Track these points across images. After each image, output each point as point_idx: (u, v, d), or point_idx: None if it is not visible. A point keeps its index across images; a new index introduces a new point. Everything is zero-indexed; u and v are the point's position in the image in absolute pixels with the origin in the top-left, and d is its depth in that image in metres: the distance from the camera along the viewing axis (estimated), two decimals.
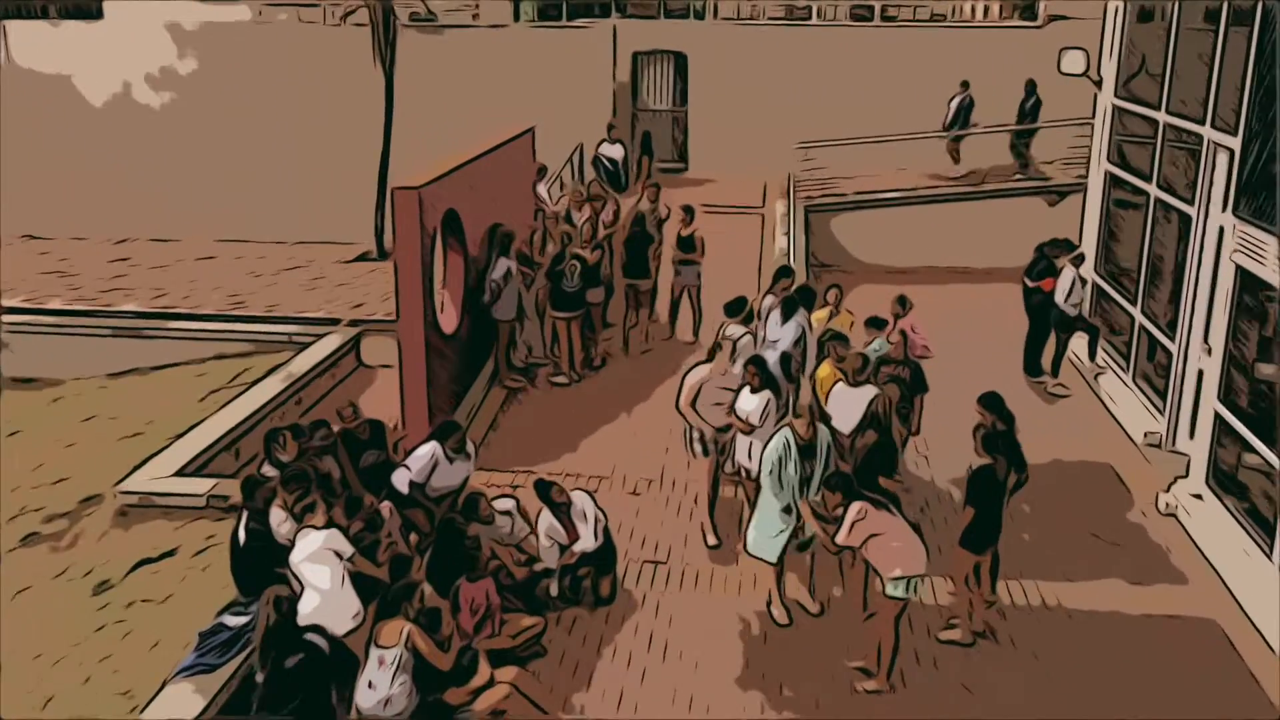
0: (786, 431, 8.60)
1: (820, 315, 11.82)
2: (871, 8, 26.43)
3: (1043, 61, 21.43)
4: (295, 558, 7.52)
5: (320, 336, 14.56)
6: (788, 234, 17.89)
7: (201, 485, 10.10)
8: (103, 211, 21.95)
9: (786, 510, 8.57)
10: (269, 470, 8.55)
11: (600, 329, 14.10)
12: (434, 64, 21.60)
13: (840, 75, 22.11)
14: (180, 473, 10.28)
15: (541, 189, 15.96)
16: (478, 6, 24.75)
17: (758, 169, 21.79)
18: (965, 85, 20.07)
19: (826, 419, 9.04)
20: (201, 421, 11.61)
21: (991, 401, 9.07)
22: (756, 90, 22.42)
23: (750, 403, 9.52)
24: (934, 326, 16.95)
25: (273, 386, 12.61)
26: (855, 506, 7.71)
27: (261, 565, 7.73)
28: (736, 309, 11.43)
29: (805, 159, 20.38)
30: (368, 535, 7.87)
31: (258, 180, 22.00)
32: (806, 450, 8.54)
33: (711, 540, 10.20)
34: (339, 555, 7.50)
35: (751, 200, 21.10)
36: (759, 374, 9.49)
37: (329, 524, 7.65)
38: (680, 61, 23.24)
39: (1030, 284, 14.25)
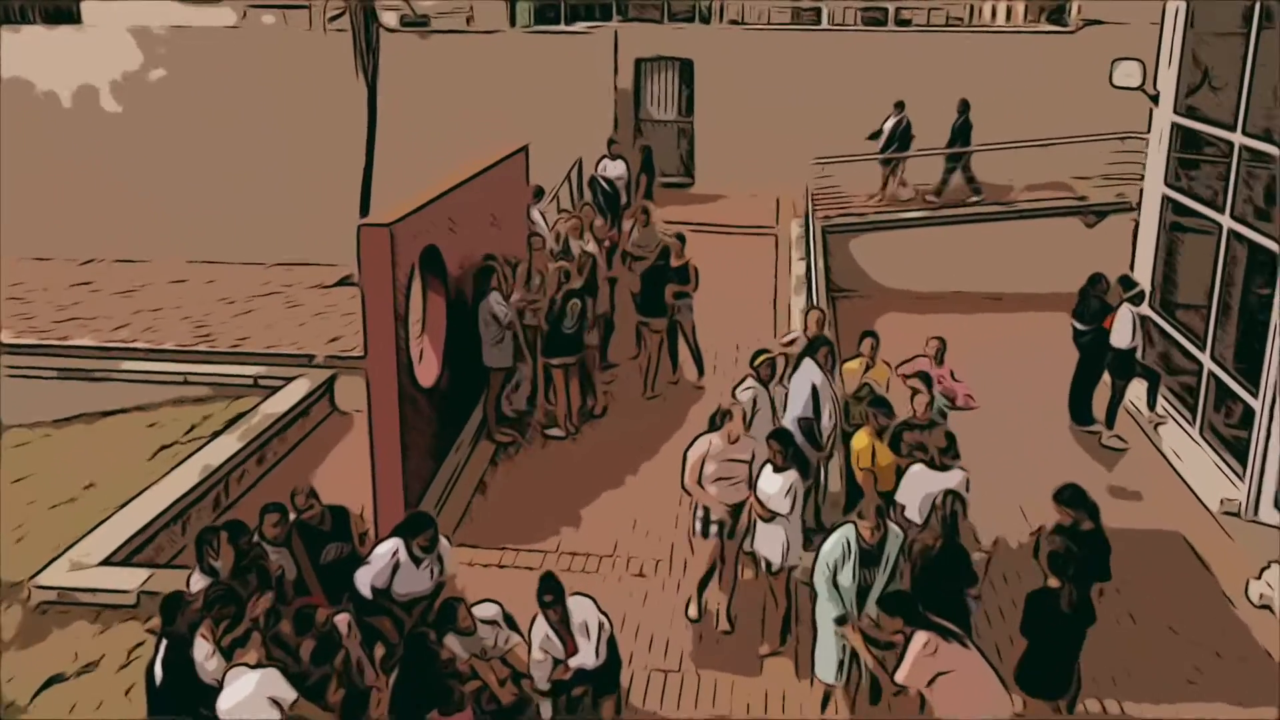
0: (848, 531, 7.14)
1: (853, 368, 10.32)
2: (885, 9, 25.01)
3: (1076, 70, 20.09)
4: (223, 706, 6.03)
5: (289, 380, 13.07)
6: (806, 258, 16.39)
7: (133, 578, 8.60)
8: (67, 230, 20.46)
9: (841, 620, 7.12)
10: (199, 580, 7.06)
11: (597, 373, 12.63)
12: (422, 72, 20.11)
13: (856, 84, 20.60)
14: (109, 560, 8.79)
15: (536, 214, 14.47)
16: (471, 9, 23.28)
17: (770, 184, 20.35)
18: (900, 106, 18.96)
19: (885, 512, 7.49)
20: (143, 491, 10.11)
21: (1074, 497, 7.53)
22: (767, 99, 20.95)
23: (773, 484, 8.05)
24: (965, 365, 15.50)
25: (229, 445, 11.12)
26: (920, 638, 6.22)
27: (183, 708, 6.25)
28: (764, 366, 9.90)
29: (821, 175, 18.87)
30: (314, 671, 6.37)
31: (234, 197, 20.51)
32: (869, 555, 7.08)
33: (693, 612, 8.87)
34: (278, 704, 6.01)
35: (764, 219, 19.63)
36: (783, 450, 8.01)
37: (267, 658, 6.17)
38: (686, 68, 21.75)
39: (1082, 327, 12.74)
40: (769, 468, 8.09)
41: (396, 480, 9.69)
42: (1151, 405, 12.48)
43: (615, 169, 16.92)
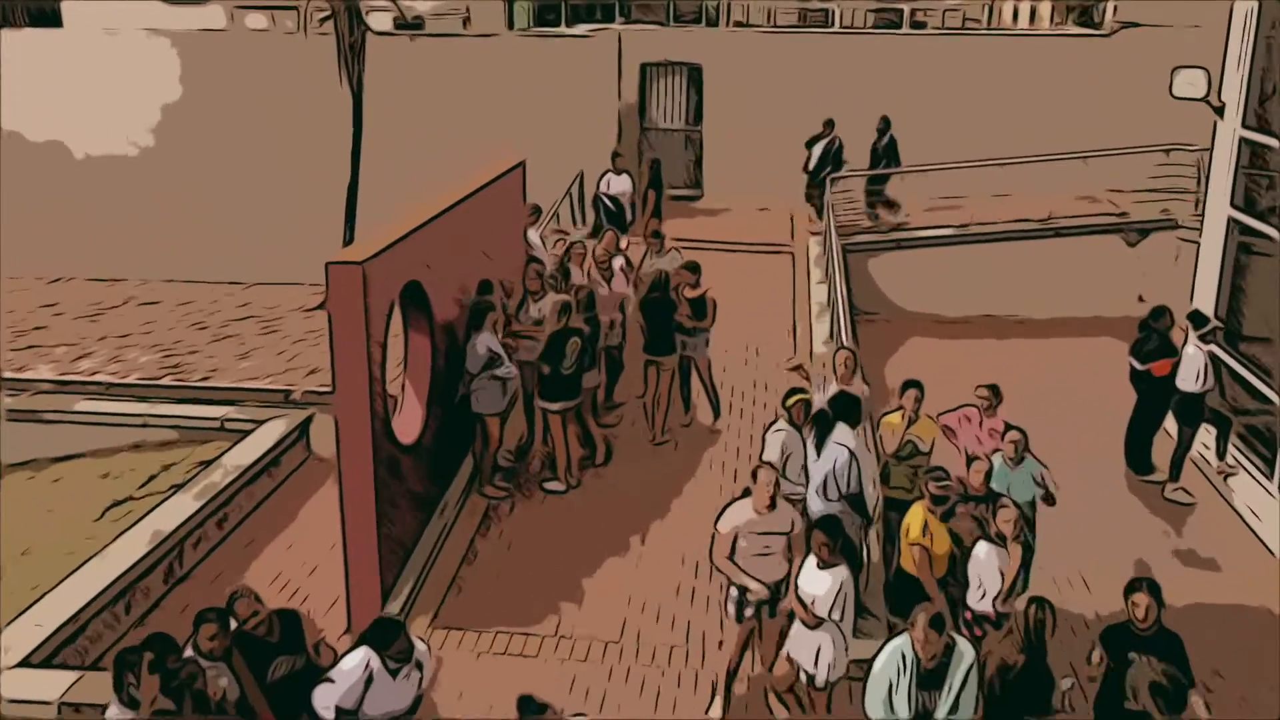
0: (903, 645, 5.86)
1: (893, 422, 9.03)
2: (900, 10, 23.71)
3: (1113, 76, 18.83)
4: None
5: (259, 423, 11.77)
6: (827, 281, 15.11)
7: (54, 685, 7.30)
8: (35, 246, 19.12)
9: None
10: (117, 714, 5.77)
11: (595, 417, 11.35)
12: (413, 78, 18.81)
13: (874, 90, 19.30)
14: (29, 660, 7.49)
15: (534, 235, 13.20)
16: (468, 10, 21.93)
17: (783, 197, 19.04)
18: (830, 125, 17.73)
19: (943, 622, 6.17)
20: (83, 565, 8.81)
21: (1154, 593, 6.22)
22: (781, 106, 19.61)
23: (819, 583, 6.77)
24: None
25: (185, 506, 9.81)
26: None
27: None
28: (797, 407, 8.64)
29: (840, 190, 17.58)
30: None
31: (213, 212, 19.23)
32: (929, 677, 5.79)
33: (715, 712, 7.66)
34: None
35: (778, 236, 18.33)
36: (830, 541, 6.72)
37: None
38: (694, 74, 20.46)
39: (1140, 367, 11.44)
40: (812, 562, 6.80)
41: (371, 556, 8.42)
42: (1221, 454, 11.19)
43: (620, 184, 15.67)
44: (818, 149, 17.77)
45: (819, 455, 8.13)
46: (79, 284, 18.99)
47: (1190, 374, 10.65)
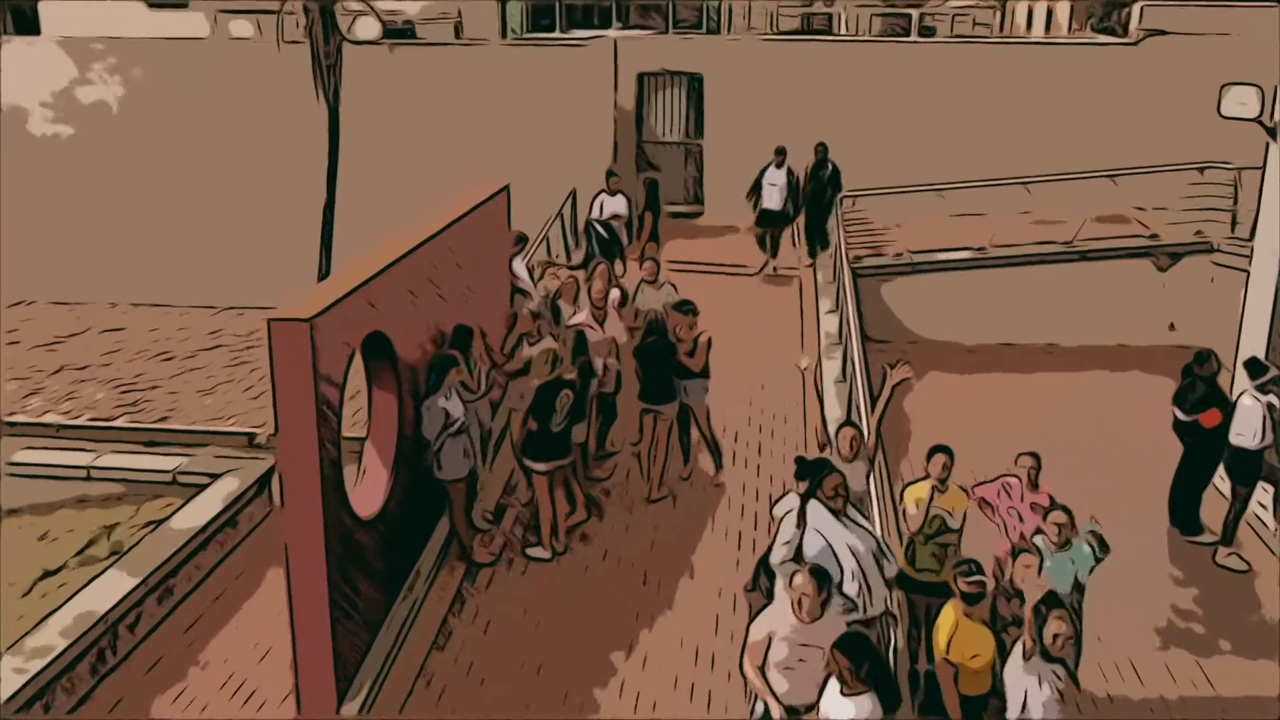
0: None
1: (919, 494, 7.96)
2: (908, 16, 22.67)
3: (1137, 86, 17.76)
4: None
5: (215, 476, 10.69)
6: (838, 310, 14.02)
7: None
8: None
9: None
10: None
11: (585, 469, 10.28)
12: (395, 90, 17.71)
13: (884, 101, 18.36)
14: None
15: (520, 266, 12.10)
16: (460, 14, 20.79)
17: None
18: (781, 153, 15.95)
19: None
20: None
21: None
22: (785, 118, 18.56)
23: (841, 710, 5.67)
24: (1026, 440, 13.23)
25: (121, 583, 8.72)
26: None
27: None
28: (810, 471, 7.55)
29: (849, 210, 16.51)
30: None
31: (182, 231, 18.13)
32: None
33: None
34: None
35: (783, 258, 17.24)
36: (854, 664, 5.62)
37: None
38: (694, 84, 19.38)
39: (1184, 417, 10.35)
40: (835, 685, 5.71)
41: (324, 653, 7.34)
42: (1279, 515, 10.12)
43: (615, 205, 14.56)
44: (779, 180, 15.93)
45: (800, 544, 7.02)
46: (41, 308, 17.98)
47: (1247, 428, 9.58)
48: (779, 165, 15.86)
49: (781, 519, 7.29)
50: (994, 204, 16.73)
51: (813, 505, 7.09)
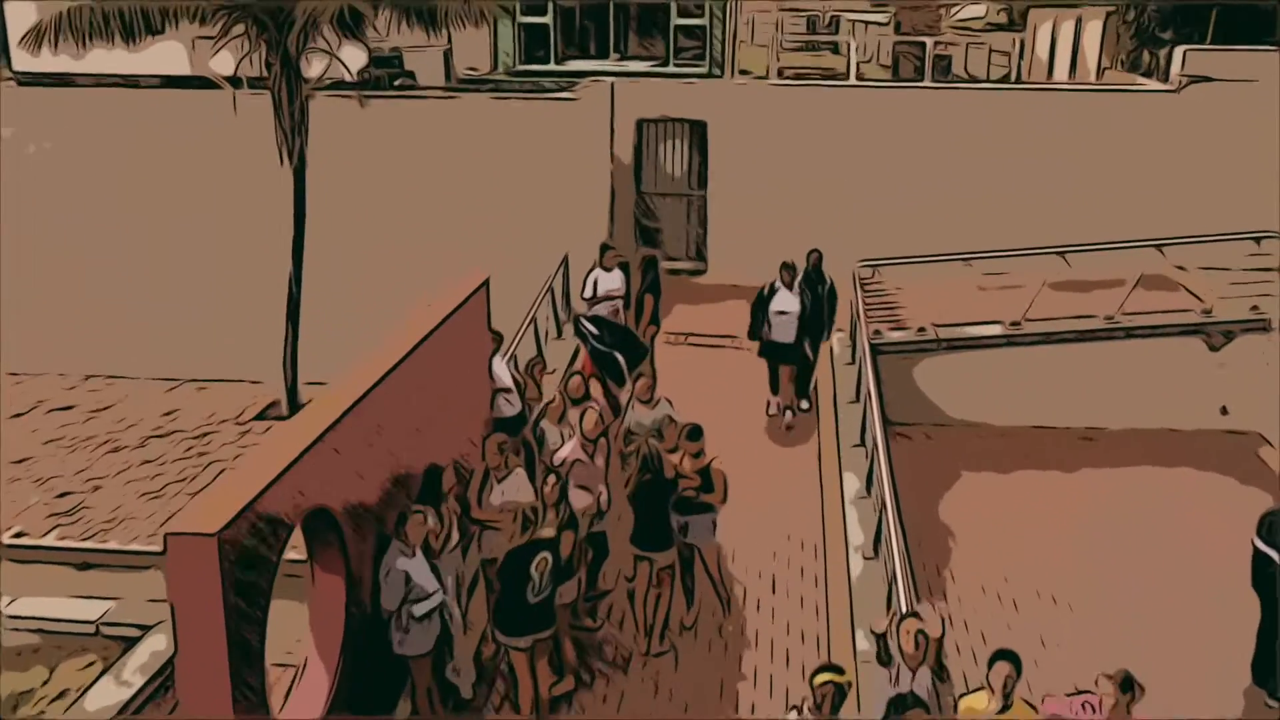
0: None
1: (976, 709, 6.50)
2: (921, 44, 21.19)
3: (1181, 138, 16.30)
4: None
5: (146, 629, 9.22)
6: (860, 402, 12.43)
7: None
8: None
9: None
10: None
11: (573, 620, 8.82)
12: (369, 144, 16.22)
13: (903, 152, 16.92)
14: None
15: (500, 366, 10.61)
16: (449, 43, 19.17)
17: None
18: (790, 270, 12.45)
19: None
20: None
21: None
22: (795, 168, 17.20)
23: None
24: (1067, 548, 11.90)
25: None
26: None
27: None
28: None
29: (870, 280, 15.08)
30: None
31: (140, 297, 16.61)
32: None
33: None
34: None
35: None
36: None
37: None
38: (697, 131, 17.93)
39: (1262, 546, 8.93)
40: None
41: None
42: None
43: (610, 282, 13.09)
44: (784, 302, 12.41)
45: None
46: None
47: None
48: (789, 285, 12.40)
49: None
50: (1026, 264, 15.27)
51: None
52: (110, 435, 14.26)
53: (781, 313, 12.28)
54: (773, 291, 12.46)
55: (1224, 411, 14.22)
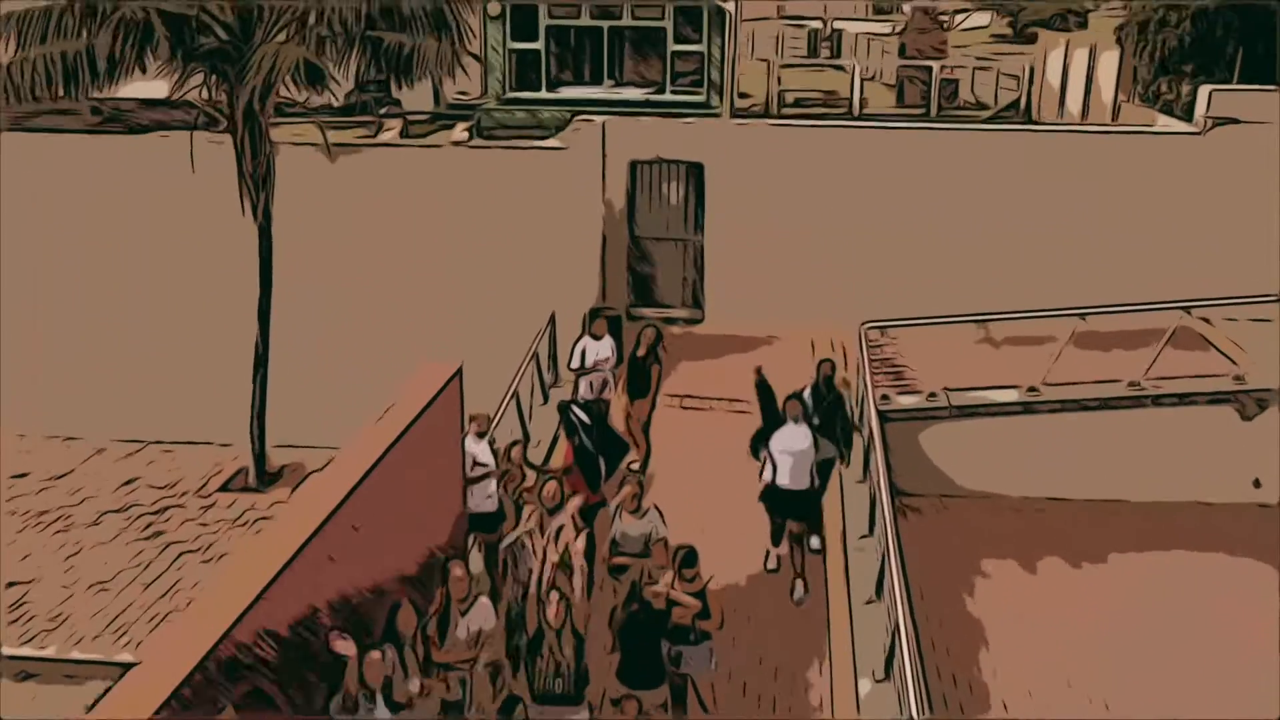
0: None
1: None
2: (928, 68, 20.31)
3: (1207, 182, 15.38)
4: None
5: None
6: (868, 481, 11.53)
7: None
8: None
9: None
10: None
11: None
12: (343, 196, 15.28)
13: (911, 197, 15.97)
14: None
15: (475, 445, 9.57)
16: (440, 80, 18.14)
17: (802, 319, 15.64)
18: (800, 400, 10.10)
19: None
20: None
21: None
22: (797, 212, 16.30)
23: None
24: (1090, 648, 11.00)
25: None
26: None
27: None
28: None
29: (875, 342, 14.16)
30: None
31: (103, 355, 15.66)
32: None
33: None
34: None
35: (797, 377, 14.79)
36: None
37: None
38: (694, 173, 16.99)
39: None
40: None
41: None
42: None
43: (599, 350, 12.19)
44: (795, 423, 9.89)
45: None
46: None
47: None
48: (798, 419, 9.88)
49: None
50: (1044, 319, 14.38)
51: None
52: (63, 509, 13.31)
53: (788, 452, 9.81)
54: (779, 422, 9.96)
55: (1257, 484, 13.30)
